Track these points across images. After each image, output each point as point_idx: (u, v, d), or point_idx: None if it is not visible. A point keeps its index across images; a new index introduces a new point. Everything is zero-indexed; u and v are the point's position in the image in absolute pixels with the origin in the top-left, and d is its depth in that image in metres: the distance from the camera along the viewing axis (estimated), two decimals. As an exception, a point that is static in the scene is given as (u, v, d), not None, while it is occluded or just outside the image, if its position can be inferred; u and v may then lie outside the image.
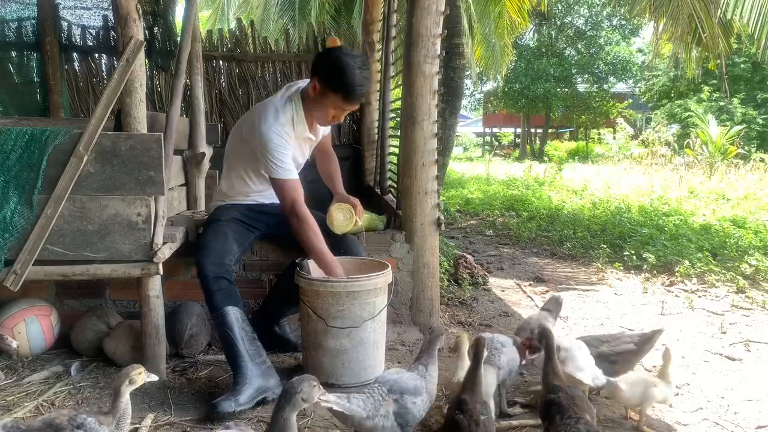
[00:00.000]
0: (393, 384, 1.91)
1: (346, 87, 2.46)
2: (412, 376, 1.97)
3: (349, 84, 2.45)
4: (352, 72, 2.44)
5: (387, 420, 1.85)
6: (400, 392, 1.89)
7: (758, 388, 2.59)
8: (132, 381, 1.75)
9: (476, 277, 4.29)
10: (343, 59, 2.46)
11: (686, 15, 6.81)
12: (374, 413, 1.82)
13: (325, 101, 2.54)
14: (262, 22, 11.44)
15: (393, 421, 1.86)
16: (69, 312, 2.90)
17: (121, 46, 2.35)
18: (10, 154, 2.26)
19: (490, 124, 39.37)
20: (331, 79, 2.47)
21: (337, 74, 2.46)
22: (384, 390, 1.89)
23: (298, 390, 1.55)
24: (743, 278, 4.36)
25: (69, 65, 4.87)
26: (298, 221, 2.53)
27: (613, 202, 8.35)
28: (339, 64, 2.45)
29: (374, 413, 1.82)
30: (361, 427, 1.84)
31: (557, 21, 27.71)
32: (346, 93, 2.48)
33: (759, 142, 20.19)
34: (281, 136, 2.51)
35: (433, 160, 3.15)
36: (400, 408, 1.87)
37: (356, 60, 2.49)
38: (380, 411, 1.84)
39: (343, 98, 2.50)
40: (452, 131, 7.37)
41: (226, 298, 2.41)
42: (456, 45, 6.76)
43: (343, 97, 2.49)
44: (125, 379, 1.74)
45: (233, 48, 5.20)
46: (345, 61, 2.46)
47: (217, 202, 2.85)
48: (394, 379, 1.93)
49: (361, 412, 1.80)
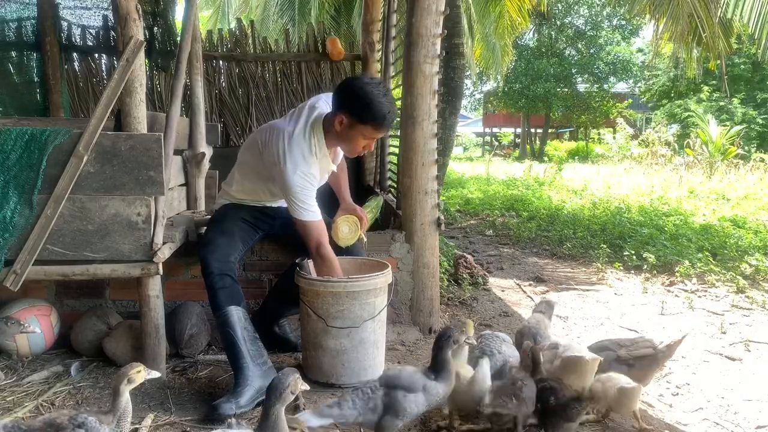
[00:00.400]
0: (387, 378, 1.95)
1: (375, 117, 2.41)
2: (412, 372, 1.98)
3: (378, 114, 2.40)
4: (379, 101, 2.39)
5: (374, 413, 1.88)
6: (393, 386, 1.91)
7: (758, 388, 2.59)
8: (131, 380, 1.75)
9: (476, 277, 4.29)
10: (366, 89, 2.40)
11: (686, 15, 6.81)
12: (364, 410, 1.86)
13: (354, 134, 2.47)
14: (262, 22, 11.45)
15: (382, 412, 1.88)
16: (69, 312, 2.90)
17: (121, 46, 2.35)
18: (10, 154, 2.26)
19: (490, 124, 39.36)
20: (360, 113, 2.41)
21: (364, 106, 2.39)
22: (376, 384, 1.93)
23: (286, 385, 1.61)
24: (743, 278, 4.36)
25: (69, 65, 4.87)
26: (323, 261, 2.52)
27: (613, 202, 8.35)
28: (364, 96, 2.39)
29: (364, 410, 1.86)
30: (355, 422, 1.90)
31: (557, 21, 27.70)
32: (376, 123, 2.43)
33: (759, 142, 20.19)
34: (307, 179, 2.45)
35: (433, 160, 3.15)
36: (390, 400, 1.88)
37: (379, 88, 2.44)
38: (369, 405, 1.87)
39: (374, 128, 2.45)
40: (452, 131, 7.38)
41: (229, 297, 2.40)
42: (456, 45, 6.77)
43: (374, 127, 2.44)
44: (124, 379, 1.74)
45: (233, 48, 5.20)
46: (369, 90, 2.40)
47: (223, 200, 2.81)
48: (392, 375, 1.96)
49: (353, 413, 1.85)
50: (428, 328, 3.17)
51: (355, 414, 1.85)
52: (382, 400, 1.89)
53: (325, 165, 2.61)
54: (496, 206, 8.60)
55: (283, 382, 1.62)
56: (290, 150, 2.45)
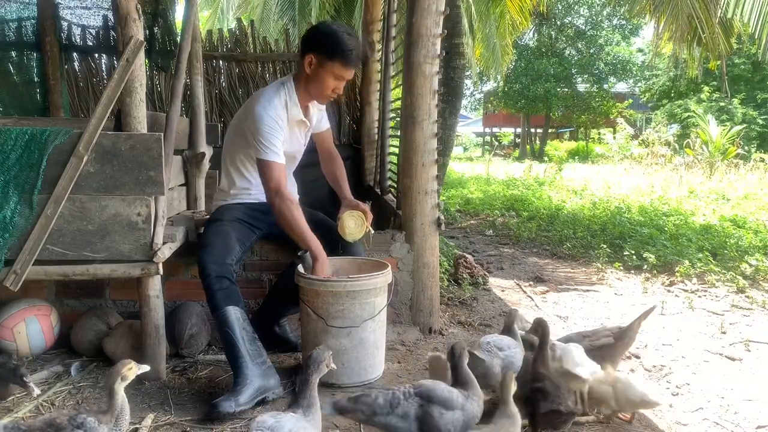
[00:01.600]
0: (424, 389, 1.83)
1: (342, 52, 2.53)
2: (449, 388, 1.87)
3: (345, 49, 2.52)
4: (343, 37, 2.53)
5: (403, 421, 1.77)
6: (429, 399, 1.80)
7: (758, 388, 2.59)
8: (124, 377, 1.75)
9: (476, 277, 4.29)
10: (332, 27, 2.60)
11: (686, 14, 6.81)
12: (389, 410, 1.77)
13: (323, 73, 2.57)
14: (262, 22, 11.44)
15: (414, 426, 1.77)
16: (69, 312, 2.90)
17: (121, 46, 2.35)
18: (10, 154, 2.26)
19: (490, 124, 39.37)
20: (327, 49, 2.54)
21: (331, 42, 2.53)
22: (410, 391, 1.82)
23: (323, 358, 1.80)
24: (743, 278, 4.36)
25: (69, 65, 4.87)
26: (282, 201, 2.53)
27: (613, 202, 8.35)
28: (332, 33, 2.55)
29: (389, 410, 1.77)
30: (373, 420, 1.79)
31: (557, 21, 27.70)
32: (343, 57, 2.54)
33: (759, 142, 20.22)
34: (274, 119, 2.56)
35: (433, 160, 3.15)
36: (424, 415, 1.78)
37: (343, 27, 2.63)
38: (398, 410, 1.78)
39: (342, 64, 2.55)
40: (452, 131, 7.37)
41: (228, 298, 2.40)
42: (456, 45, 6.76)
43: (342, 62, 2.55)
44: (117, 377, 1.74)
45: (233, 48, 5.20)
46: (335, 29, 2.58)
47: (219, 202, 2.85)
48: (429, 387, 1.85)
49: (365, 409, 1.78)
50: (428, 328, 3.18)
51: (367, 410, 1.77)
52: (415, 412, 1.78)
53: (296, 114, 2.66)
54: (496, 206, 8.60)
55: (320, 355, 1.80)
56: (261, 96, 2.61)
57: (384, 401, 1.80)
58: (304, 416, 1.68)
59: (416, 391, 1.82)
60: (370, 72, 4.88)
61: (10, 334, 2.61)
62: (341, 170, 2.97)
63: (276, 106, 2.58)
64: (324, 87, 2.61)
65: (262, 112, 2.54)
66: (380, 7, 4.86)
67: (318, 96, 2.68)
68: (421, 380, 1.95)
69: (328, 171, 3.01)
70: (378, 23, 4.90)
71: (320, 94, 2.66)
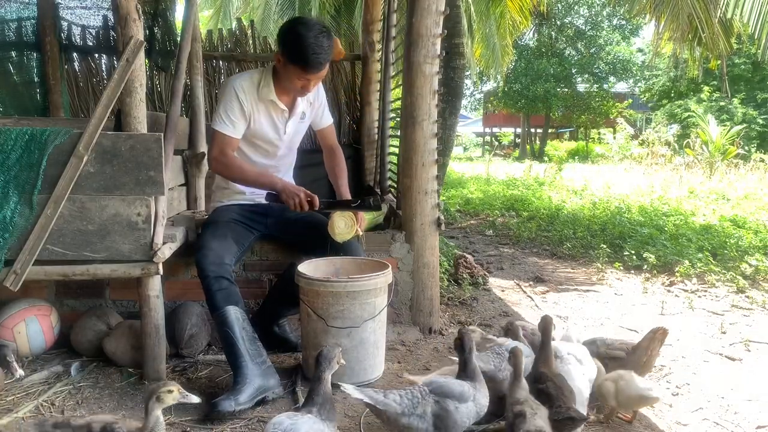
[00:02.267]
0: (437, 386, 1.86)
1: (302, 57, 2.49)
2: (460, 382, 1.90)
3: (304, 54, 2.48)
4: (306, 42, 2.46)
5: (423, 421, 1.79)
6: (443, 395, 1.83)
7: (758, 388, 2.59)
8: (160, 399, 1.69)
9: (476, 277, 4.29)
10: (297, 29, 2.49)
11: (686, 14, 6.80)
12: (410, 411, 1.78)
13: (287, 73, 2.58)
14: (262, 22, 11.43)
15: (430, 424, 1.79)
16: (69, 312, 2.90)
17: (121, 46, 2.35)
18: (10, 154, 2.26)
19: (490, 124, 39.36)
20: (288, 51, 2.52)
21: (292, 45, 2.50)
22: (425, 390, 1.84)
23: (333, 355, 1.83)
24: (743, 278, 4.36)
25: (69, 65, 4.86)
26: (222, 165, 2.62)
27: (613, 202, 8.35)
28: (293, 35, 2.49)
29: (410, 411, 1.78)
30: (396, 424, 1.80)
31: (557, 21, 27.69)
32: (304, 63, 2.50)
33: (759, 142, 20.20)
34: (237, 91, 2.60)
35: (433, 160, 3.15)
36: (441, 410, 1.80)
37: (311, 28, 2.49)
38: (417, 410, 1.79)
39: (301, 69, 2.53)
40: (452, 131, 7.37)
41: (227, 298, 2.41)
42: (456, 45, 6.76)
43: (301, 68, 2.52)
44: (152, 396, 1.69)
45: (233, 48, 5.19)
46: (299, 31, 2.48)
47: (215, 203, 2.86)
48: (440, 382, 1.88)
49: (395, 407, 1.76)
50: (428, 328, 3.17)
51: (398, 409, 1.76)
52: (432, 409, 1.80)
53: (266, 93, 2.67)
54: (496, 206, 8.60)
55: (331, 353, 1.84)
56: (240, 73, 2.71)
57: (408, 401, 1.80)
58: (319, 415, 1.69)
59: (431, 389, 1.85)
60: (370, 72, 4.87)
61: (10, 334, 2.61)
62: (341, 168, 2.96)
63: (245, 80, 2.65)
64: (291, 84, 2.63)
65: (228, 82, 2.65)
66: (380, 7, 4.86)
67: (290, 90, 2.69)
68: (430, 378, 1.94)
69: (329, 167, 3.01)
70: (378, 23, 4.90)
71: (289, 88, 2.67)
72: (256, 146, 2.77)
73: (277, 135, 2.78)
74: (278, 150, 2.82)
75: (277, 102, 2.70)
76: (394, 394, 1.81)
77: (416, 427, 1.78)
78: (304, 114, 2.85)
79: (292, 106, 2.77)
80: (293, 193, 2.53)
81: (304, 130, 2.93)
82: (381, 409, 1.77)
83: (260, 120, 2.70)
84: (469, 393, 1.86)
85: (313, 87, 2.69)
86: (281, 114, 2.75)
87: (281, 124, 2.78)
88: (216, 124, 2.62)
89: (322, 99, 2.92)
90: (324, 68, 2.57)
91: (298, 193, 2.53)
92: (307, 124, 2.92)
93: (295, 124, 2.83)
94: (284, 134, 2.79)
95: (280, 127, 2.78)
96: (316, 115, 2.92)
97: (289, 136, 2.82)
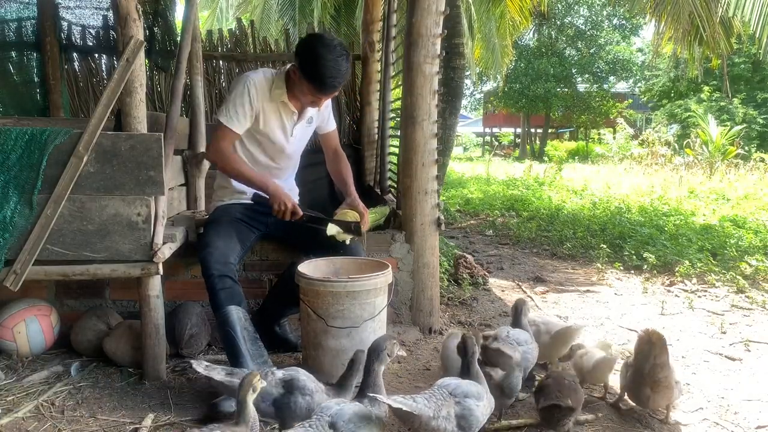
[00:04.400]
0: (455, 387, 1.86)
1: (318, 78, 2.49)
2: (472, 382, 1.91)
3: (320, 75, 2.47)
4: (324, 63, 2.45)
5: (449, 422, 1.79)
6: (463, 395, 1.83)
7: (758, 388, 2.59)
8: (255, 389, 1.74)
9: (476, 277, 4.29)
10: (317, 49, 2.47)
11: (687, 14, 6.80)
12: (437, 413, 1.77)
13: (300, 87, 2.58)
14: (262, 22, 11.43)
15: (455, 425, 1.79)
16: (69, 312, 2.90)
17: (121, 46, 2.35)
18: (10, 154, 2.26)
19: (490, 124, 39.38)
20: (305, 68, 2.50)
21: (310, 64, 2.48)
22: (446, 392, 1.84)
23: (383, 347, 1.84)
24: (743, 278, 4.36)
25: (69, 65, 4.86)
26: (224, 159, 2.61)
27: (613, 202, 8.36)
28: (312, 55, 2.47)
29: (437, 413, 1.77)
30: (426, 428, 1.77)
31: (557, 21, 27.70)
32: (318, 84, 2.51)
33: (759, 142, 20.22)
34: (249, 87, 2.59)
35: (433, 160, 3.15)
36: (464, 410, 1.81)
37: (332, 50, 2.47)
38: (442, 412, 1.78)
39: (315, 88, 2.53)
40: (452, 131, 7.38)
41: (230, 298, 2.41)
42: (456, 45, 6.76)
43: (315, 87, 2.52)
44: (248, 388, 1.72)
45: (233, 48, 5.20)
46: (319, 52, 2.46)
47: (216, 202, 2.86)
48: (456, 384, 1.88)
49: (428, 412, 1.75)
50: (428, 328, 3.18)
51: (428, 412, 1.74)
52: (455, 410, 1.81)
53: (278, 95, 2.66)
54: (496, 206, 8.60)
55: (381, 344, 1.84)
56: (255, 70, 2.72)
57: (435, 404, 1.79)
58: (370, 405, 1.72)
59: (450, 390, 1.85)
60: (370, 72, 4.88)
61: (10, 334, 2.62)
62: (347, 170, 2.96)
63: (260, 78, 2.64)
64: (303, 98, 2.63)
65: (243, 76, 2.63)
66: (380, 7, 4.86)
67: (300, 100, 2.68)
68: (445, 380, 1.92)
69: (335, 170, 3.00)
70: (378, 23, 4.90)
71: (300, 100, 2.67)
72: (262, 145, 2.76)
73: (284, 136, 2.79)
74: (284, 151, 2.83)
75: (288, 104, 2.71)
76: (420, 397, 1.79)
77: (443, 428, 1.78)
78: (311, 119, 2.85)
79: (302, 110, 2.78)
80: (281, 201, 2.56)
81: (309, 134, 2.93)
82: (415, 414, 1.73)
83: (269, 119, 2.70)
84: (483, 391, 1.91)
85: (323, 103, 2.70)
86: (291, 116, 2.75)
87: (289, 126, 2.78)
88: (221, 114, 2.61)
89: (328, 104, 2.92)
90: (338, 90, 2.58)
91: (287, 203, 2.56)
92: (312, 129, 2.92)
93: (303, 128, 2.84)
94: (291, 136, 2.80)
95: (288, 128, 2.78)
96: (322, 120, 2.92)
97: (295, 139, 2.83)
